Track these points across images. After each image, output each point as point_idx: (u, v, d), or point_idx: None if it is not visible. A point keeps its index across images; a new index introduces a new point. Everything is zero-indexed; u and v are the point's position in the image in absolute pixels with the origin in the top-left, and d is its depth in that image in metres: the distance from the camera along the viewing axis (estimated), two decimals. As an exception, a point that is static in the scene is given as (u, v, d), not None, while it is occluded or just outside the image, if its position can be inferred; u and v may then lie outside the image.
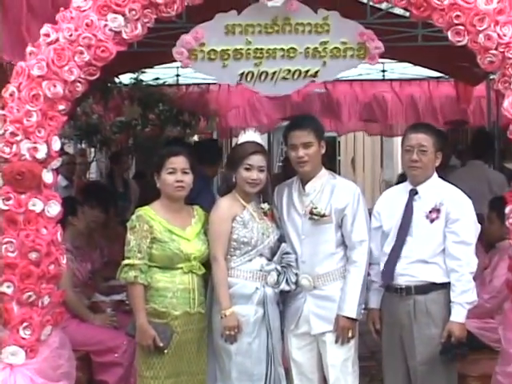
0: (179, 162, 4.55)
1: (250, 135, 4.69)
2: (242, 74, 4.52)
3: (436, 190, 4.56)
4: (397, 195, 4.70)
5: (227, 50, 4.49)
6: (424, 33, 4.62)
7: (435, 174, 4.63)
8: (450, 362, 4.44)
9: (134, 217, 4.52)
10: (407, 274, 4.50)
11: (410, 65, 9.27)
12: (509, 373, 4.25)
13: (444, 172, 5.84)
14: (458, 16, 4.21)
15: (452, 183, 4.69)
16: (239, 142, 4.73)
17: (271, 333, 4.53)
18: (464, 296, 4.40)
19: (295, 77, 4.52)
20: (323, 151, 4.69)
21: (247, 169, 4.54)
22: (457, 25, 4.24)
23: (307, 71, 4.51)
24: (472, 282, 4.43)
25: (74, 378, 4.42)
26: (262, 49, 4.49)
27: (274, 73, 4.51)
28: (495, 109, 8.23)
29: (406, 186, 4.67)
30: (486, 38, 4.21)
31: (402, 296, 4.51)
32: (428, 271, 4.48)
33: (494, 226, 5.15)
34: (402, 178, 7.85)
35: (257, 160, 4.56)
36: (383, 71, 10.11)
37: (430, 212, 4.51)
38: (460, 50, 4.35)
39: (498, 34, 4.20)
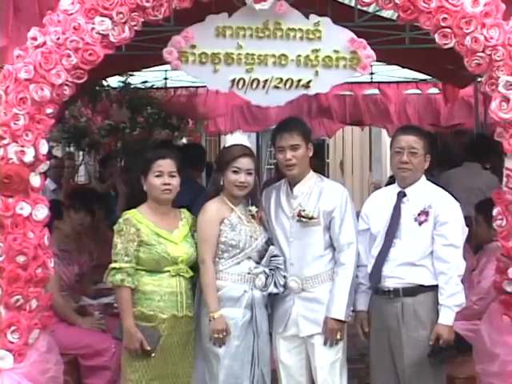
0: (166, 164, 4.55)
1: (238, 138, 4.70)
2: (234, 80, 4.51)
3: (424, 193, 4.57)
4: (385, 197, 4.71)
5: (218, 53, 4.48)
6: (411, 35, 4.63)
7: (423, 177, 4.64)
8: (439, 365, 4.45)
9: (120, 220, 4.52)
10: (395, 276, 4.51)
11: (398, 67, 9.29)
12: (493, 372, 4.27)
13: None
14: (444, 19, 4.22)
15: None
16: (227, 145, 4.74)
17: (258, 335, 4.54)
18: (452, 299, 4.41)
19: (287, 86, 4.51)
20: (311, 154, 4.70)
21: (235, 172, 4.55)
22: (444, 27, 4.25)
23: (299, 81, 4.50)
24: (460, 284, 4.45)
25: (60, 383, 4.40)
26: (253, 54, 4.48)
27: (266, 81, 4.50)
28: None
29: (394, 189, 4.68)
30: (473, 41, 4.22)
31: (389, 298, 4.52)
32: (416, 274, 4.49)
33: (481, 228, 5.17)
34: (392, 181, 7.89)
35: (245, 163, 4.56)
36: (371, 74, 10.11)
37: (419, 215, 4.52)
38: (447, 52, 4.36)
39: (485, 37, 4.21)
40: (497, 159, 7.89)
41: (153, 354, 4.41)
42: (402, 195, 4.60)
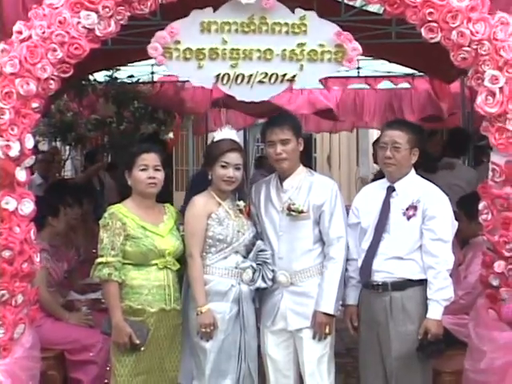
0: (151, 158, 4.55)
1: (227, 132, 4.70)
2: (218, 75, 4.49)
3: (413, 187, 4.58)
4: (375, 192, 4.72)
5: (203, 49, 4.47)
6: (398, 30, 4.63)
7: (412, 171, 4.64)
8: (426, 359, 4.46)
9: (106, 214, 4.51)
10: (384, 270, 4.52)
11: (385, 62, 9.29)
12: (480, 369, 4.29)
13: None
14: (431, 13, 4.24)
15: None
16: (215, 140, 4.73)
17: (245, 330, 4.55)
18: (441, 293, 4.42)
19: (272, 81, 4.51)
20: (301, 148, 4.71)
21: (223, 166, 4.55)
22: (430, 22, 4.27)
23: (284, 75, 4.50)
24: (449, 279, 4.46)
25: (38, 380, 4.39)
26: (238, 49, 4.47)
27: (251, 76, 4.49)
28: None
29: (383, 183, 4.69)
30: (459, 35, 4.24)
31: (378, 292, 4.53)
32: (404, 268, 4.50)
33: (463, 224, 5.17)
34: (379, 175, 7.89)
35: (233, 158, 4.57)
36: (358, 68, 10.12)
37: (407, 209, 4.53)
38: (434, 46, 4.37)
39: (471, 31, 4.23)
40: (476, 153, 7.96)
41: (142, 348, 4.41)
42: (391, 190, 4.61)
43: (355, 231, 4.67)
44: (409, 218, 4.52)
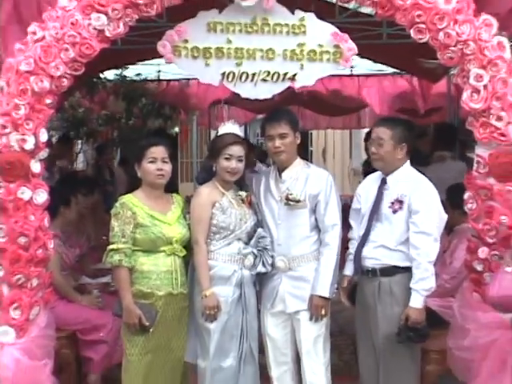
0: (159, 151, 4.54)
1: (230, 127, 4.69)
2: (224, 73, 4.47)
3: (403, 182, 4.57)
4: (374, 182, 4.72)
5: (209, 48, 4.45)
6: (388, 31, 4.62)
7: (406, 165, 4.62)
8: (406, 342, 4.44)
9: (117, 204, 4.51)
10: (373, 257, 4.53)
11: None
12: (465, 347, 4.28)
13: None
14: (419, 15, 4.22)
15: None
16: (219, 134, 4.73)
17: (247, 312, 4.56)
18: (421, 283, 4.41)
19: (274, 79, 4.48)
20: (298, 142, 4.71)
21: (227, 158, 4.54)
22: (418, 23, 4.25)
23: (286, 74, 4.47)
24: (429, 270, 4.43)
25: (53, 356, 4.39)
26: (242, 48, 4.45)
27: (254, 74, 4.47)
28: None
29: (380, 175, 4.69)
30: (446, 36, 4.23)
31: (368, 278, 4.54)
32: (391, 257, 4.50)
33: (449, 213, 5.16)
34: (366, 165, 7.87)
35: (236, 150, 4.56)
36: (351, 67, 10.08)
37: (393, 203, 4.53)
38: (422, 47, 4.36)
39: (457, 32, 4.22)
40: (461, 147, 7.93)
41: (151, 329, 4.42)
42: (383, 182, 4.61)
43: (357, 215, 4.69)
44: (394, 211, 4.52)
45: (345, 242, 4.74)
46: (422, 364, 4.77)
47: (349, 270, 4.69)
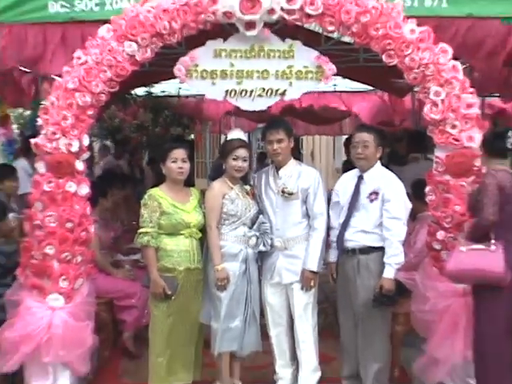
0: (179, 153, 4.53)
1: (236, 133, 4.68)
2: (227, 91, 4.46)
3: (377, 177, 4.55)
4: (350, 179, 4.69)
5: (215, 70, 4.43)
6: (364, 56, 4.61)
7: (378, 164, 4.60)
8: (380, 307, 4.44)
9: (146, 196, 4.50)
10: (353, 239, 4.50)
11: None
12: (425, 310, 4.30)
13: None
14: (389, 43, 4.22)
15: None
16: (228, 139, 4.71)
17: (251, 282, 4.54)
18: (393, 258, 4.41)
19: (268, 94, 4.47)
20: (292, 146, 4.68)
21: (234, 159, 4.53)
22: (389, 50, 4.25)
23: (277, 90, 4.46)
24: (400, 247, 4.43)
25: (93, 318, 4.41)
26: (242, 70, 4.43)
27: (252, 90, 4.45)
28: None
29: (356, 173, 4.66)
30: (411, 60, 4.23)
31: (349, 256, 4.52)
32: (368, 238, 4.48)
33: (413, 203, 5.15)
34: (346, 164, 7.81)
35: (242, 152, 4.55)
36: (334, 85, 10.04)
37: (370, 194, 4.51)
38: (391, 69, 4.36)
39: (420, 57, 4.22)
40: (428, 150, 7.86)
41: (172, 297, 4.41)
42: (360, 178, 4.59)
43: (336, 207, 4.65)
44: (371, 200, 4.50)
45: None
46: (392, 324, 4.78)
47: (333, 256, 4.64)
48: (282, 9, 4.24)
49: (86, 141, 4.35)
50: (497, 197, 3.86)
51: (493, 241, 3.88)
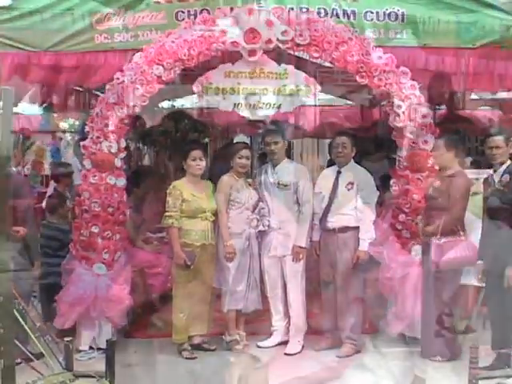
0: (197, 153, 4.52)
1: (241, 137, 4.68)
2: (235, 104, 4.50)
3: (352, 171, 4.53)
4: (330, 174, 4.66)
5: (226, 87, 4.47)
6: (342, 77, 4.63)
7: (352, 161, 4.59)
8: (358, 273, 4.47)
9: (170, 187, 4.49)
10: (333, 221, 4.48)
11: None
12: (388, 278, 4.33)
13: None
14: (362, 67, 4.27)
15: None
16: (234, 141, 4.72)
17: (252, 255, 4.54)
18: (366, 235, 4.40)
19: (267, 107, 4.52)
20: (285, 147, 4.68)
21: (240, 158, 4.52)
22: (361, 72, 4.29)
23: (274, 104, 4.51)
24: (371, 226, 4.42)
25: (129, 283, 4.44)
26: (247, 88, 4.48)
27: (255, 104, 4.50)
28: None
29: (334, 168, 4.64)
30: (378, 80, 4.26)
31: (330, 234, 4.51)
32: (346, 219, 4.46)
33: (380, 192, 5.15)
34: (330, 162, 7.77)
35: (245, 152, 4.55)
36: (318, 99, 9.96)
37: (347, 184, 4.49)
38: (363, 87, 4.38)
39: (385, 77, 4.26)
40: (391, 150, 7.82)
41: (191, 267, 4.40)
42: (339, 173, 4.57)
43: (318, 197, 4.63)
44: (348, 190, 4.48)
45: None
46: (364, 288, 4.78)
47: (317, 236, 4.60)
48: (278, 39, 4.28)
49: (122, 143, 4.37)
50: (468, 193, 3.87)
51: (461, 232, 3.91)
